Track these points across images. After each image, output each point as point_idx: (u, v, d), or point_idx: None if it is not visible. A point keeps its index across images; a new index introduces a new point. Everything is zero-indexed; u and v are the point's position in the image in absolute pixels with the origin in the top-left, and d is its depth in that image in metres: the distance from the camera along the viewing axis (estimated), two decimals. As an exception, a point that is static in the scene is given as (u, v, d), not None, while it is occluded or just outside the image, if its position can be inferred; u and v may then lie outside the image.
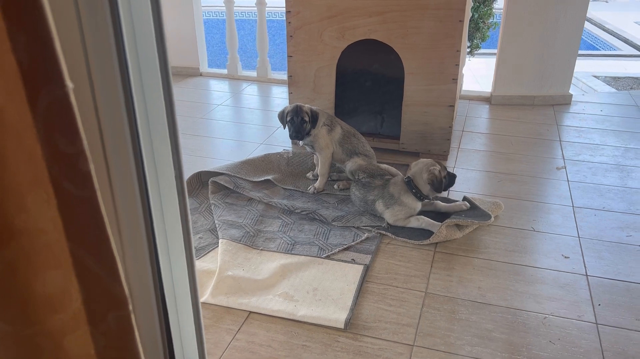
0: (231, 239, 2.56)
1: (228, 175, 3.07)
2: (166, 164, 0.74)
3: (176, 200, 0.75)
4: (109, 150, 0.65)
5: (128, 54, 0.66)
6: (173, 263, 0.80)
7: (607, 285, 2.29)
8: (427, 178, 2.63)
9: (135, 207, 0.68)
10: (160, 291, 0.77)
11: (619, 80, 7.62)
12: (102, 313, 0.55)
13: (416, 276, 2.36)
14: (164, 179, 0.73)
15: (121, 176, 0.66)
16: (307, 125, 2.92)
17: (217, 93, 4.75)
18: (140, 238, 0.69)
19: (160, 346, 0.79)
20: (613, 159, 3.43)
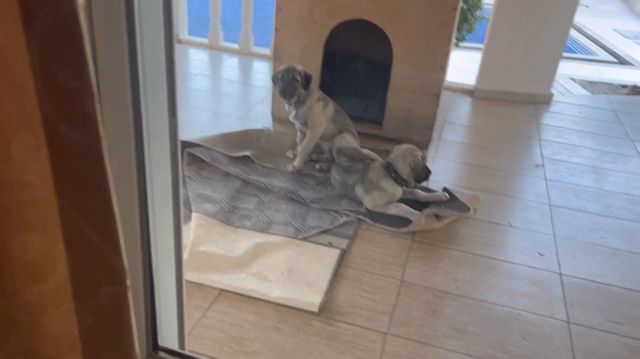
0: (205, 214, 2.46)
1: (205, 147, 2.96)
2: (162, 128, 0.66)
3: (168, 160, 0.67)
4: (105, 93, 0.56)
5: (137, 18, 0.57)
6: (160, 233, 0.73)
7: (579, 285, 2.30)
8: (410, 161, 2.59)
9: (130, 165, 0.60)
10: (149, 263, 0.69)
11: (594, 84, 7.74)
12: (93, 287, 0.46)
13: (393, 263, 2.32)
14: (157, 137, 0.65)
15: (116, 124, 0.57)
16: (298, 85, 2.82)
17: (196, 63, 4.59)
18: (132, 203, 0.61)
19: (143, 323, 0.72)
20: (590, 161, 3.46)
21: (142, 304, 0.73)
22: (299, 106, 2.90)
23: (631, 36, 10.68)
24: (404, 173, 2.61)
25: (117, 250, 0.46)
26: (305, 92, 2.86)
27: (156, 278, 0.76)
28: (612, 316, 2.13)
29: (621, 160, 3.52)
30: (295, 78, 2.81)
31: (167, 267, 0.77)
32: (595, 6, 13.63)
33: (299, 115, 2.92)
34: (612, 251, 2.55)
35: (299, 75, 2.82)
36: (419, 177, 2.65)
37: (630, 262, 2.47)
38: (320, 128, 2.93)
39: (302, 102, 2.89)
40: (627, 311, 2.17)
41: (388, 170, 2.62)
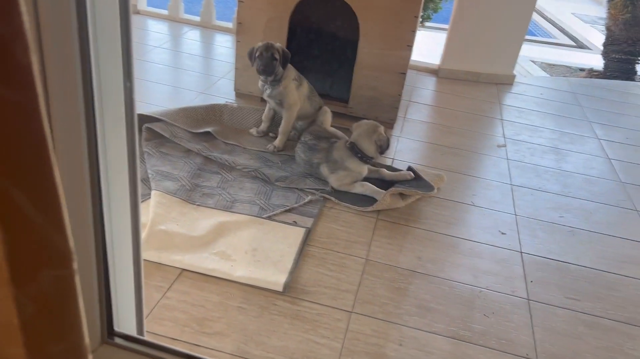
0: (165, 191, 2.38)
1: (165, 122, 2.85)
2: (117, 96, 0.59)
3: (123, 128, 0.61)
4: (48, 48, 0.48)
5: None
6: (115, 210, 0.67)
7: (539, 263, 2.35)
8: (376, 138, 2.56)
9: (79, 133, 0.53)
10: (102, 243, 0.63)
11: (553, 67, 7.90)
12: (34, 270, 0.41)
13: (358, 242, 2.31)
14: (110, 102, 0.59)
15: (61, 81, 0.50)
16: (277, 63, 2.75)
17: (155, 34, 4.41)
18: (83, 177, 0.55)
19: (97, 308, 0.66)
20: (550, 142, 3.53)
21: (95, 288, 0.67)
22: (275, 84, 2.83)
23: (589, 20, 10.93)
24: (370, 151, 2.58)
25: (60, 229, 0.41)
26: (283, 70, 2.79)
27: (111, 259, 0.70)
28: (569, 293, 2.19)
29: (580, 141, 3.60)
30: (274, 56, 2.74)
31: (124, 247, 0.71)
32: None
33: (273, 94, 2.85)
34: (570, 230, 2.61)
35: (277, 52, 2.75)
36: (382, 150, 2.64)
37: (587, 240, 2.54)
38: (296, 107, 2.88)
39: (278, 80, 2.82)
40: (583, 288, 2.23)
41: (352, 150, 2.59)
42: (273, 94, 2.85)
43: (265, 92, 2.89)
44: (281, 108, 2.90)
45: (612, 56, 6.96)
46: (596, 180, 3.11)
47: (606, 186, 3.07)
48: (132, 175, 0.67)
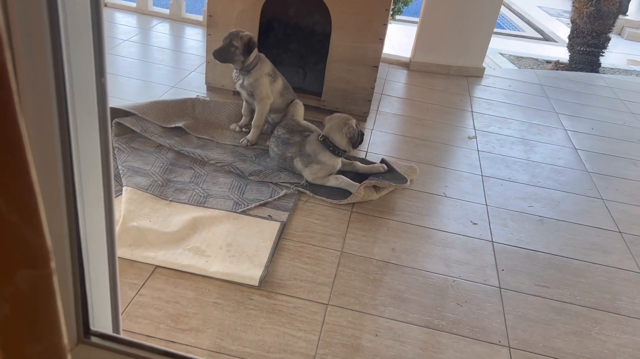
0: (137, 187, 2.34)
1: (135, 116, 2.80)
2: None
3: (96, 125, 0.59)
4: (19, 49, 0.47)
5: None
6: (88, 207, 0.66)
7: (510, 252, 2.40)
8: (347, 131, 2.57)
9: (52, 131, 0.52)
10: (77, 241, 0.62)
11: (521, 59, 8.06)
12: (10, 270, 0.40)
13: (333, 235, 2.32)
14: (83, 99, 0.58)
15: (34, 85, 0.49)
16: (235, 50, 2.73)
17: (123, 28, 4.32)
18: (57, 174, 0.54)
19: (73, 307, 0.65)
20: (519, 133, 3.60)
21: (70, 287, 0.66)
22: (245, 75, 2.81)
23: (555, 14, 11.17)
24: (342, 144, 2.59)
25: (37, 228, 0.40)
26: (244, 58, 2.76)
27: (86, 258, 0.69)
28: (539, 280, 2.25)
29: (547, 132, 3.69)
30: (233, 44, 2.71)
31: (99, 245, 0.70)
32: (522, -17, 14.09)
33: (245, 84, 2.83)
34: (539, 219, 2.67)
35: (239, 40, 2.72)
36: (355, 143, 2.65)
37: (556, 229, 2.61)
38: (268, 100, 2.86)
39: (248, 70, 2.80)
40: (552, 275, 2.29)
41: (325, 143, 2.60)
42: (245, 84, 2.83)
43: (238, 82, 2.87)
44: (253, 100, 2.88)
45: (577, 48, 7.12)
46: (563, 170, 3.19)
47: (573, 175, 3.15)
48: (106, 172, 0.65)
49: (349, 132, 2.57)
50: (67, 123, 0.54)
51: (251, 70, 2.80)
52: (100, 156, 0.64)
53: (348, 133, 2.57)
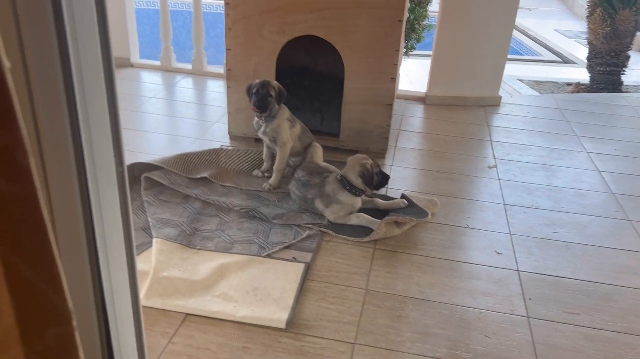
0: (166, 238, 2.44)
1: (163, 169, 2.94)
2: (107, 158, 0.67)
3: (117, 197, 0.67)
4: (45, 141, 0.57)
5: (69, 37, 0.58)
6: (113, 268, 0.73)
7: (536, 280, 2.39)
8: (358, 171, 2.64)
9: (75, 206, 0.60)
10: (101, 300, 0.69)
11: (541, 84, 8.06)
12: (40, 329, 0.47)
13: (357, 273, 2.36)
14: (103, 174, 0.66)
15: (58, 170, 0.58)
16: (272, 100, 2.86)
17: (149, 85, 4.55)
18: (80, 241, 0.62)
19: (99, 358, 0.72)
20: (540, 159, 3.60)
21: (97, 341, 0.73)
22: (270, 121, 2.93)
23: (572, 36, 11.17)
24: (357, 184, 2.66)
25: (60, 293, 0.48)
26: (279, 107, 2.91)
27: (112, 313, 0.76)
28: (568, 307, 2.22)
29: (569, 156, 3.68)
30: (270, 93, 2.86)
31: (122, 300, 0.77)
32: (537, 8, 14.20)
33: (267, 131, 2.95)
34: (564, 244, 2.65)
35: (273, 90, 2.87)
36: (377, 183, 2.70)
37: (582, 254, 2.59)
38: (289, 144, 2.98)
39: (273, 116, 2.93)
40: (581, 301, 2.26)
41: (342, 183, 2.67)
42: (267, 131, 2.96)
43: (260, 129, 2.99)
44: (275, 145, 3.00)
45: (596, 69, 7.09)
46: (587, 193, 3.17)
47: (598, 198, 3.13)
48: (127, 234, 0.73)
49: (360, 170, 2.63)
50: (87, 191, 0.62)
51: (275, 116, 2.93)
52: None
53: (359, 172, 2.63)
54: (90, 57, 0.64)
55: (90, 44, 0.63)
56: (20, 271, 0.44)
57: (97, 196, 0.66)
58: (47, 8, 0.55)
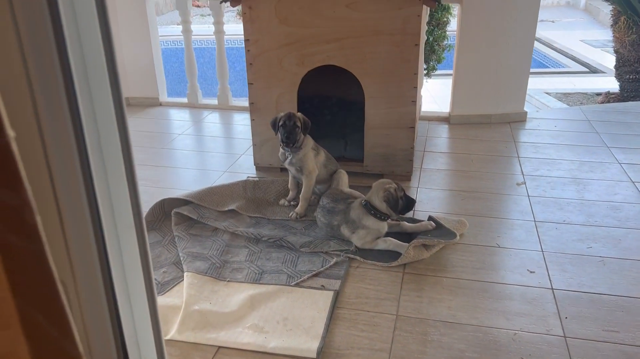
0: (197, 272, 2.49)
1: (192, 203, 3.01)
2: (123, 204, 0.71)
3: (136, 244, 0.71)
4: (61, 194, 0.61)
5: (78, 90, 0.63)
6: (135, 311, 0.76)
7: (572, 297, 2.33)
8: (382, 195, 2.64)
9: (91, 253, 0.64)
10: (122, 343, 0.73)
11: (569, 95, 7.94)
12: (55, 376, 0.51)
13: (387, 299, 2.35)
14: (121, 221, 0.70)
15: (75, 220, 0.62)
16: (299, 130, 2.93)
17: (177, 123, 4.69)
18: (98, 286, 0.66)
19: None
20: (569, 173, 3.53)
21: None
22: (296, 151, 2.99)
23: (599, 45, 10.99)
24: (382, 208, 2.66)
25: (71, 339, 0.51)
26: (304, 137, 2.97)
27: (135, 355, 0.79)
28: (607, 325, 2.15)
29: (600, 168, 3.60)
30: (297, 124, 2.93)
31: (146, 341, 0.80)
32: (561, 20, 14.06)
33: (294, 161, 3.01)
34: (600, 259, 2.58)
35: (299, 121, 2.93)
36: (402, 208, 2.70)
37: (619, 268, 2.51)
38: (315, 173, 3.03)
39: (299, 147, 2.98)
40: (621, 318, 2.19)
41: (367, 208, 2.67)
42: (293, 161, 3.01)
43: (286, 160, 3.05)
44: (301, 175, 3.04)
45: (625, 77, 6.95)
46: (621, 206, 3.09)
47: (632, 210, 3.04)
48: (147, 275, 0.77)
49: (385, 195, 2.63)
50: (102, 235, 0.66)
51: (301, 146, 2.98)
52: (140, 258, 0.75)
53: (384, 197, 2.63)
54: (101, 101, 0.68)
55: (101, 90, 0.68)
56: (35, 320, 0.48)
57: (115, 241, 0.70)
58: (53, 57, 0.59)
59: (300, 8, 3.16)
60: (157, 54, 5.00)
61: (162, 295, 2.39)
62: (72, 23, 0.62)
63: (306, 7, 3.15)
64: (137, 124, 4.59)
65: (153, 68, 4.96)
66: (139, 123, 4.61)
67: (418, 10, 3.04)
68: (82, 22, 0.64)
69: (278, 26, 3.23)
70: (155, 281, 2.50)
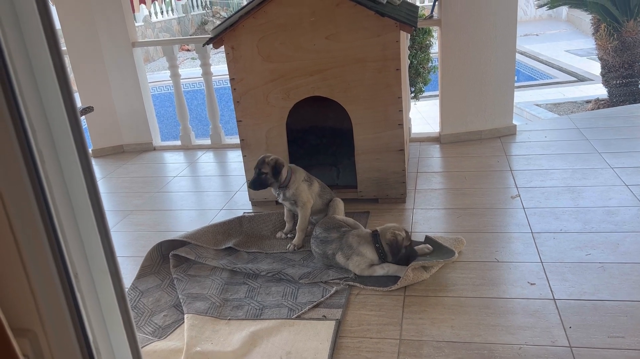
0: (197, 312, 2.48)
1: (189, 243, 3.01)
2: (95, 249, 0.72)
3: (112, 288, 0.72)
4: (23, 244, 0.62)
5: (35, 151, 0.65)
6: (116, 355, 0.77)
7: (575, 306, 2.31)
8: (388, 238, 2.63)
9: (58, 299, 0.65)
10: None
11: (559, 105, 8.01)
12: None
13: (389, 323, 2.33)
14: (95, 266, 0.71)
15: (37, 267, 0.63)
16: (267, 176, 2.96)
17: (172, 165, 4.73)
18: (68, 333, 0.66)
19: None
20: (563, 182, 3.55)
21: None
22: (284, 189, 3.01)
23: (584, 53, 11.15)
24: (385, 249, 2.65)
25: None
26: (276, 180, 2.98)
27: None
28: (611, 331, 2.13)
29: (592, 174, 3.61)
30: (262, 171, 2.95)
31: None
32: (545, 32, 14.30)
33: (287, 197, 3.03)
34: (599, 266, 2.57)
35: (266, 166, 2.95)
36: (402, 257, 2.63)
37: (619, 273, 2.49)
38: (310, 204, 3.04)
39: (285, 186, 3.00)
40: (625, 323, 2.17)
41: (374, 238, 2.67)
42: (286, 197, 3.03)
43: (279, 197, 3.07)
44: (296, 208, 3.06)
45: (612, 83, 7.03)
46: (617, 210, 3.09)
47: (628, 213, 3.04)
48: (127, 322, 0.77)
49: (389, 239, 2.63)
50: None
51: (288, 185, 3.00)
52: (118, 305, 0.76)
53: (388, 240, 2.63)
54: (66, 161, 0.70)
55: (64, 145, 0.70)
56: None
57: (91, 286, 0.70)
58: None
59: (282, 43, 3.24)
60: (148, 100, 5.08)
61: (163, 339, 2.38)
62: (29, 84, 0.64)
63: (287, 42, 3.23)
64: (131, 170, 4.63)
65: (145, 114, 5.03)
66: (133, 169, 4.65)
67: (396, 36, 3.10)
68: (39, 78, 0.66)
69: (261, 63, 3.30)
70: (156, 326, 2.48)
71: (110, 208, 3.87)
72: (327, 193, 3.16)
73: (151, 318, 2.53)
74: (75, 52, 4.77)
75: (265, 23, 3.21)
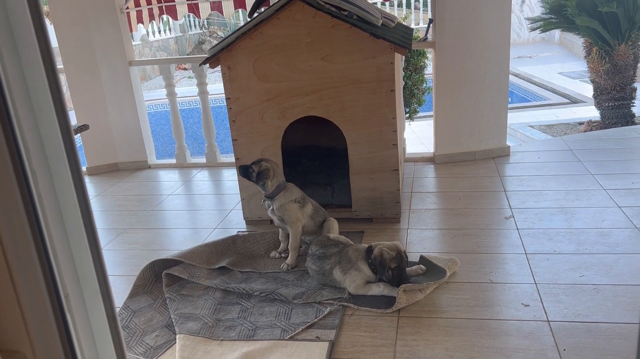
0: (189, 333, 2.46)
1: (182, 262, 3.00)
2: (87, 270, 0.71)
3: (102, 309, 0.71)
4: (13, 264, 0.62)
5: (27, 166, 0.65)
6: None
7: (569, 328, 2.30)
8: (374, 254, 2.62)
9: (48, 320, 0.64)
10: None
11: (553, 127, 8.09)
12: None
13: (383, 345, 2.31)
14: (86, 287, 0.70)
15: (29, 288, 0.63)
16: (252, 173, 3.05)
17: (167, 184, 4.72)
18: (58, 353, 0.65)
19: None
20: (556, 203, 3.56)
21: None
22: (271, 201, 3.02)
23: (576, 76, 11.29)
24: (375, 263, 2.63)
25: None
26: (257, 183, 3.02)
27: None
28: (606, 353, 2.12)
29: (586, 196, 3.63)
30: (252, 167, 3.06)
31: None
32: (538, 55, 14.50)
33: (274, 210, 3.03)
34: (593, 287, 2.57)
35: (257, 166, 3.05)
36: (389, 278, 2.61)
37: (613, 295, 2.49)
38: (299, 223, 3.03)
39: (271, 197, 3.01)
40: (619, 345, 2.16)
41: (368, 253, 2.66)
42: (274, 210, 3.03)
43: (269, 209, 3.07)
44: (284, 225, 3.05)
45: (604, 105, 7.12)
46: (610, 231, 3.10)
47: (621, 235, 3.05)
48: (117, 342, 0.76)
49: (376, 254, 2.60)
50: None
51: (274, 197, 3.01)
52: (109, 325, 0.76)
53: (374, 256, 2.61)
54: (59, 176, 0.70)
55: (58, 160, 0.70)
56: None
57: (82, 307, 0.70)
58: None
59: (278, 64, 3.27)
60: (143, 119, 5.09)
61: (154, 359, 2.34)
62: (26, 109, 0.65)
63: (283, 62, 3.26)
64: (125, 188, 4.62)
65: (140, 132, 5.04)
66: (128, 187, 4.64)
67: (390, 58, 3.14)
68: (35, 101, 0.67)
69: (257, 83, 3.33)
70: (147, 346, 2.46)
71: (103, 226, 3.85)
72: (320, 215, 3.15)
73: (143, 338, 2.50)
74: (72, 70, 4.80)
75: (261, 44, 3.24)
